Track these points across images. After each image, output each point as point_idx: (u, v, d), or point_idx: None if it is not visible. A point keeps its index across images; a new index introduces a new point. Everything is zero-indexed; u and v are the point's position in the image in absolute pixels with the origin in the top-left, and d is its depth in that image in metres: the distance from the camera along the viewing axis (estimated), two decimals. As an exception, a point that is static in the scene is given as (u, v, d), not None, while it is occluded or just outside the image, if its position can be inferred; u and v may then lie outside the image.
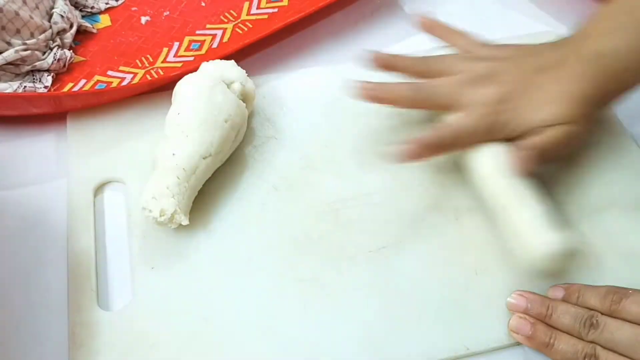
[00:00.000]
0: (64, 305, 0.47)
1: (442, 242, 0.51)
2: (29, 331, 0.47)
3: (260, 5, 0.69)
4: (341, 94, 0.56)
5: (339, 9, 0.70)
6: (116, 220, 0.52)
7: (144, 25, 0.67)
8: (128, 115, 0.58)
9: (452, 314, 0.47)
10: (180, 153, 0.50)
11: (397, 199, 0.53)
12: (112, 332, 0.46)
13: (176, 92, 0.54)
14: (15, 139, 0.58)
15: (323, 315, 0.47)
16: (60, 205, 0.53)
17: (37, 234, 0.52)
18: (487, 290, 0.49)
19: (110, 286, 0.49)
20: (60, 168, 0.56)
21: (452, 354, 0.46)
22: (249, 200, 0.53)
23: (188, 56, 0.64)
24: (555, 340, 0.44)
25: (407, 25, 0.69)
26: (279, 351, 0.45)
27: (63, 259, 0.50)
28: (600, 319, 0.43)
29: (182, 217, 0.49)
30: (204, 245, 0.50)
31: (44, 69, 0.61)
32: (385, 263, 0.50)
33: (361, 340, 0.46)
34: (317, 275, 0.49)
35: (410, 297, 0.48)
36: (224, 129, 0.52)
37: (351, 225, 0.52)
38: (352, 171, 0.55)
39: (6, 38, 0.59)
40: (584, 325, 0.43)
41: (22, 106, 0.57)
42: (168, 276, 0.49)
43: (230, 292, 0.48)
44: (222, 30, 0.67)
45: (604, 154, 0.57)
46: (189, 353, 0.45)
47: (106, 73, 0.63)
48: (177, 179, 0.49)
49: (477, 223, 0.52)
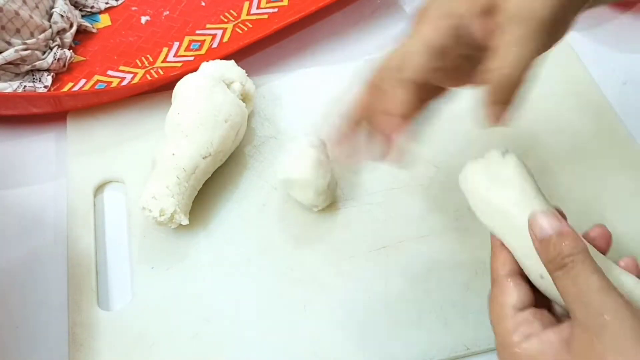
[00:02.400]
0: (63, 305, 0.47)
1: (442, 242, 0.51)
2: (29, 331, 0.47)
3: (260, 5, 0.69)
4: (341, 94, 0.56)
5: (339, 9, 0.70)
6: (116, 220, 0.52)
7: (144, 25, 0.67)
8: (128, 115, 0.58)
9: (452, 314, 0.47)
10: (180, 153, 0.50)
11: (397, 199, 0.53)
12: (112, 332, 0.46)
13: (176, 92, 0.54)
14: (15, 139, 0.58)
15: (323, 315, 0.47)
16: (60, 205, 0.53)
17: (37, 234, 0.52)
18: (487, 290, 0.48)
19: (110, 286, 0.49)
20: (60, 168, 0.56)
21: (452, 354, 0.46)
22: (249, 200, 0.53)
23: (188, 56, 0.64)
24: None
25: (407, 25, 0.69)
26: (279, 351, 0.45)
27: (63, 259, 0.50)
28: None
29: (181, 217, 0.49)
30: (204, 245, 0.50)
31: (43, 69, 0.61)
32: (385, 263, 0.50)
33: (361, 340, 0.46)
34: (317, 275, 0.49)
35: (410, 297, 0.48)
36: (223, 128, 0.52)
37: (351, 225, 0.52)
38: (353, 171, 0.55)
39: (6, 38, 0.59)
40: None
41: (22, 106, 0.57)
42: (168, 276, 0.49)
43: (230, 292, 0.48)
44: (222, 30, 0.67)
45: (603, 152, 0.57)
46: (189, 353, 0.45)
47: (106, 73, 0.63)
48: (177, 179, 0.49)
49: (477, 223, 0.52)
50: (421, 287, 0.48)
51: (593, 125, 0.59)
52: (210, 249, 0.50)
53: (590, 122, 0.59)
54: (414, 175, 0.55)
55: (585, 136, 0.58)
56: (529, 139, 0.58)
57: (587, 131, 0.59)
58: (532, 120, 0.59)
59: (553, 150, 0.57)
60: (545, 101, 0.61)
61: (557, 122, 0.59)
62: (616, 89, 0.63)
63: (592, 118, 0.60)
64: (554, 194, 0.54)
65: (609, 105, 0.61)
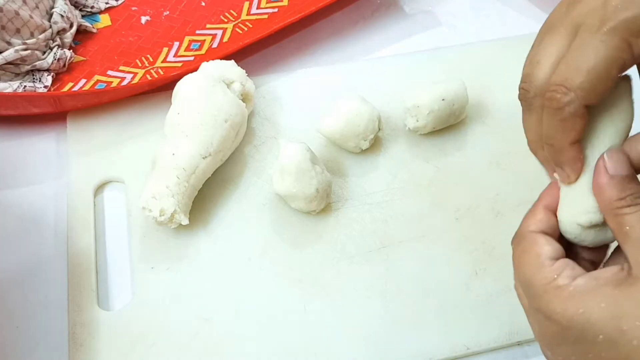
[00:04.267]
0: (64, 305, 0.47)
1: (442, 242, 0.51)
2: (29, 331, 0.47)
3: (260, 5, 0.69)
4: (341, 94, 0.56)
5: (339, 9, 0.70)
6: (116, 220, 0.52)
7: (144, 25, 0.67)
8: (128, 115, 0.58)
9: (452, 314, 0.47)
10: (180, 153, 0.50)
11: (397, 199, 0.53)
12: (112, 332, 0.46)
13: (176, 92, 0.54)
14: (15, 139, 0.58)
15: (323, 315, 0.47)
16: (60, 205, 0.53)
17: (37, 234, 0.52)
18: (487, 290, 0.49)
19: (110, 286, 0.49)
20: (60, 168, 0.56)
21: (452, 354, 0.46)
22: (249, 200, 0.53)
23: (188, 56, 0.64)
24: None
25: (407, 25, 0.69)
26: (279, 351, 0.45)
27: (63, 259, 0.50)
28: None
29: (182, 216, 0.49)
30: (204, 245, 0.51)
31: (44, 69, 0.61)
32: (385, 263, 0.50)
33: (361, 340, 0.46)
34: (317, 275, 0.49)
35: (410, 297, 0.48)
36: (223, 128, 0.52)
37: (351, 225, 0.52)
38: (353, 171, 0.55)
39: (6, 38, 0.59)
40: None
41: (22, 106, 0.57)
42: (168, 276, 0.49)
43: (230, 292, 0.48)
44: (222, 30, 0.67)
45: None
46: (189, 353, 0.45)
47: (106, 73, 0.63)
48: (177, 179, 0.49)
49: (477, 223, 0.52)
50: (421, 287, 0.48)
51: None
52: (210, 249, 0.50)
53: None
54: (414, 175, 0.55)
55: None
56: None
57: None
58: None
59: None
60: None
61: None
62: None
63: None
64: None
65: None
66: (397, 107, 0.58)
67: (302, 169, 0.49)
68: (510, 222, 0.52)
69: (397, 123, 0.58)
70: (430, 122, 0.55)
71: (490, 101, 0.60)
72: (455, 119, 0.57)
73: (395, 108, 0.59)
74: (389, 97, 0.59)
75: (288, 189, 0.50)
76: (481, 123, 0.59)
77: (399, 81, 0.61)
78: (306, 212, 0.51)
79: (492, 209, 0.53)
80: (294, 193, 0.50)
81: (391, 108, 0.59)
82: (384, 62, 0.64)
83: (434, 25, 0.69)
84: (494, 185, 0.54)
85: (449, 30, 0.68)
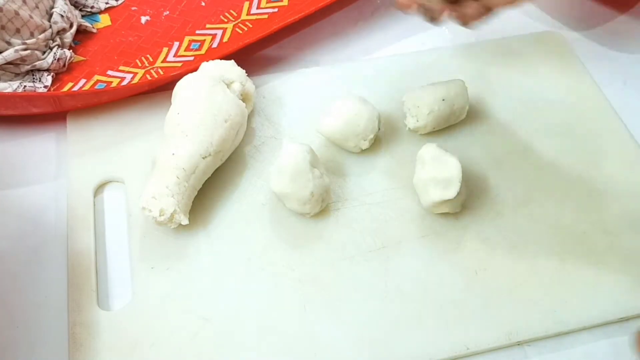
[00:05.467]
0: (63, 305, 0.47)
1: (442, 242, 0.51)
2: (29, 331, 0.47)
3: (260, 5, 0.69)
4: (341, 94, 0.56)
5: (339, 9, 0.70)
6: (116, 220, 0.52)
7: (143, 25, 0.67)
8: (128, 115, 0.58)
9: (452, 314, 0.47)
10: (180, 153, 0.50)
11: (397, 199, 0.53)
12: (112, 332, 0.46)
13: (176, 92, 0.54)
14: (15, 139, 0.58)
15: (323, 315, 0.47)
16: (60, 205, 0.53)
17: (37, 234, 0.52)
18: (487, 290, 0.49)
19: (110, 286, 0.49)
20: (60, 168, 0.56)
21: (452, 354, 0.46)
22: (248, 200, 0.53)
23: (188, 56, 0.64)
24: None
25: (407, 25, 0.69)
26: (279, 351, 0.45)
27: (63, 259, 0.50)
28: None
29: (181, 216, 0.49)
30: (204, 245, 0.50)
31: (43, 69, 0.61)
32: (385, 263, 0.50)
33: (361, 340, 0.46)
34: (317, 275, 0.49)
35: (410, 297, 0.48)
36: (223, 128, 0.52)
37: (351, 225, 0.52)
38: (353, 171, 0.55)
39: (6, 38, 0.59)
40: None
41: (22, 106, 0.57)
42: (168, 276, 0.49)
43: (230, 292, 0.48)
44: (222, 30, 0.67)
45: (603, 152, 0.57)
46: (189, 353, 0.45)
47: (106, 73, 0.63)
48: (176, 179, 0.49)
49: (477, 223, 0.52)
50: (421, 287, 0.48)
51: (593, 125, 0.59)
52: (210, 249, 0.50)
53: (590, 122, 0.59)
54: (413, 175, 0.55)
55: (585, 136, 0.58)
56: (528, 138, 0.58)
57: (587, 131, 0.59)
58: (532, 119, 0.59)
59: (553, 150, 0.57)
60: (545, 101, 0.61)
61: (557, 122, 0.59)
62: (616, 89, 0.63)
63: (592, 118, 0.60)
64: (553, 194, 0.54)
65: (609, 105, 0.61)
66: (397, 107, 0.58)
67: (299, 170, 0.49)
68: (511, 222, 0.52)
69: (397, 123, 0.58)
70: (430, 122, 0.55)
71: (490, 101, 0.60)
72: (455, 119, 0.57)
73: (395, 108, 0.59)
74: (389, 97, 0.60)
75: (283, 188, 0.50)
76: (481, 123, 0.59)
77: (399, 81, 0.61)
78: (300, 214, 0.51)
79: (492, 209, 0.53)
80: (288, 193, 0.50)
81: (391, 108, 0.59)
82: (384, 62, 0.64)
83: (434, 25, 0.69)
84: (494, 185, 0.54)
85: (449, 30, 0.68)
